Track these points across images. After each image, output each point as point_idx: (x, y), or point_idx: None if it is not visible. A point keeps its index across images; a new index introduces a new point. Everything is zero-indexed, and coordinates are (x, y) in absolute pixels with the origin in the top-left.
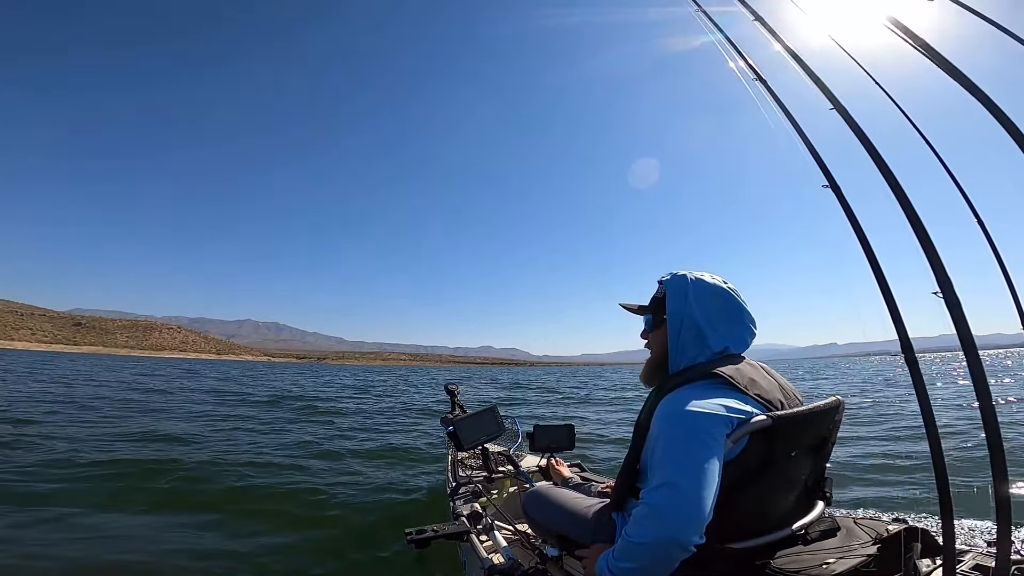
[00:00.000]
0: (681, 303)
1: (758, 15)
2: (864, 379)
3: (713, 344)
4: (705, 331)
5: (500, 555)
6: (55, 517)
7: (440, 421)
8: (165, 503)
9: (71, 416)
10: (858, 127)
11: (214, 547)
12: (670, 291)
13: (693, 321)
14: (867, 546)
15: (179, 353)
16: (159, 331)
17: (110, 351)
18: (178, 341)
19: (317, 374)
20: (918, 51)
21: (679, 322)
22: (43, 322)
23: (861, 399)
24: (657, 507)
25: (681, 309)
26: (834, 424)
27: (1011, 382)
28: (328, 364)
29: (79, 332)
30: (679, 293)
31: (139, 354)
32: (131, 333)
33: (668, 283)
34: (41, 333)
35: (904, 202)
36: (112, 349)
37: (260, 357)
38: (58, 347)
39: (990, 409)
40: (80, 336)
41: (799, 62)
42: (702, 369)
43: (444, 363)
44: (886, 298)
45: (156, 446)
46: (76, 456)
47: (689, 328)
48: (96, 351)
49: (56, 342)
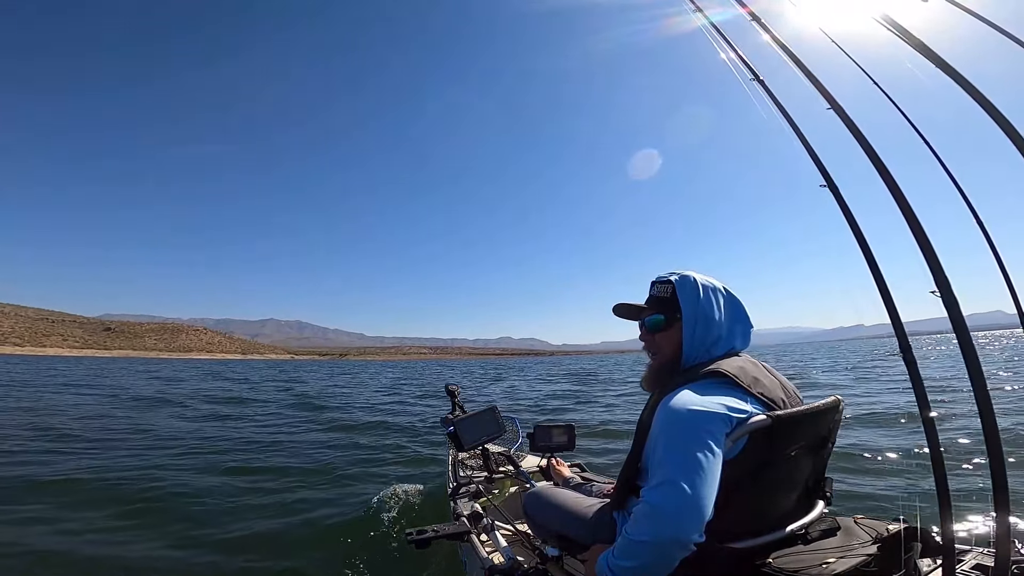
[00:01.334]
0: (696, 302)
1: (756, 16)
2: (853, 366)
3: (725, 342)
4: (718, 329)
5: (500, 555)
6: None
7: (440, 421)
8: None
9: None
10: (856, 127)
11: (210, 545)
12: (683, 290)
13: (709, 319)
14: (867, 546)
15: (206, 354)
16: (186, 333)
17: (140, 354)
18: (204, 342)
19: (344, 371)
20: (915, 50)
21: (694, 320)
22: (74, 328)
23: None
24: (657, 505)
25: (696, 308)
26: (834, 424)
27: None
28: (350, 360)
29: (109, 336)
30: (693, 292)
31: (168, 356)
32: (159, 336)
33: (679, 283)
34: (72, 339)
35: (901, 201)
36: (142, 352)
37: (284, 356)
38: (89, 352)
39: (989, 409)
40: (110, 340)
41: (796, 62)
42: (705, 367)
43: (464, 355)
44: (885, 299)
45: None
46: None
47: (704, 326)
48: (126, 355)
49: (87, 347)
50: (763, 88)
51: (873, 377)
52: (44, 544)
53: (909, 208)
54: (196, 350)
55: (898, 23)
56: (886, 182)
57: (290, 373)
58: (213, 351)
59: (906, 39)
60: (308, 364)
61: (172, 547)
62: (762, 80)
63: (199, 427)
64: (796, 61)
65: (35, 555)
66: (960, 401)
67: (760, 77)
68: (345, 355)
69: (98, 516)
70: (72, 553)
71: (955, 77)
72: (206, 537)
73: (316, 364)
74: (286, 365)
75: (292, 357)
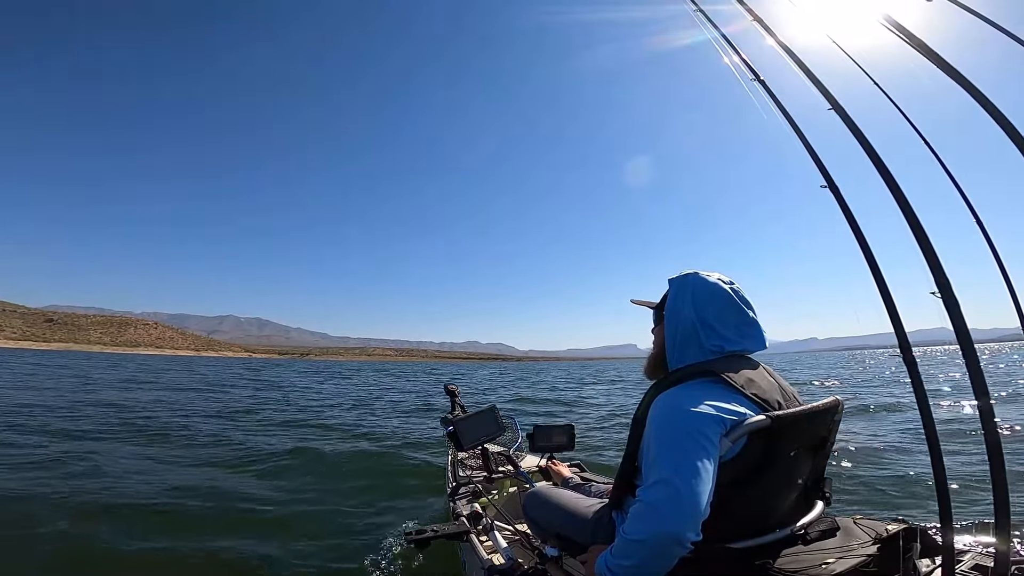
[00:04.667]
0: (679, 302)
1: (756, 15)
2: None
3: (709, 343)
4: (700, 331)
5: (500, 555)
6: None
7: (440, 421)
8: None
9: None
10: (856, 127)
11: (205, 547)
12: (672, 290)
13: (689, 320)
14: (867, 546)
15: (155, 350)
16: (134, 327)
17: (82, 347)
18: (154, 337)
19: (311, 371)
20: (916, 50)
21: (675, 320)
22: (13, 318)
23: (860, 398)
24: (652, 504)
25: (678, 308)
26: (833, 424)
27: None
28: (312, 360)
29: (50, 328)
30: (679, 292)
31: (111, 351)
32: (105, 329)
33: (673, 282)
34: (10, 330)
35: (902, 202)
36: (84, 346)
37: (241, 353)
38: (26, 344)
39: (989, 409)
40: (51, 333)
41: (797, 62)
42: (699, 368)
43: (430, 358)
44: (885, 299)
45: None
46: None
47: (684, 327)
48: (67, 348)
49: (24, 339)
50: (764, 88)
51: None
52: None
53: (908, 206)
54: (144, 345)
55: (900, 23)
56: (885, 180)
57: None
58: (163, 347)
59: (908, 40)
60: (263, 362)
61: (172, 545)
62: (763, 80)
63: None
64: (797, 61)
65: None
66: (960, 402)
67: (761, 77)
68: (307, 354)
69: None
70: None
71: (954, 76)
72: (196, 540)
73: (272, 363)
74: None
75: (250, 355)
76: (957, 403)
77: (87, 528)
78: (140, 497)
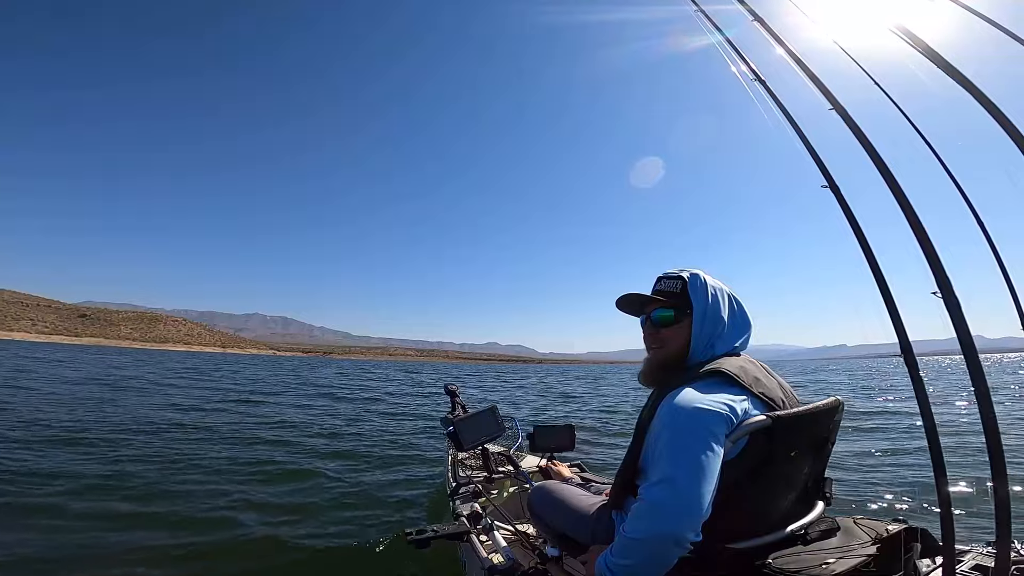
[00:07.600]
0: (706, 299)
1: (758, 15)
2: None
3: (730, 341)
4: (724, 329)
5: (500, 555)
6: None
7: (440, 421)
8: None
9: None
10: (857, 127)
11: (205, 545)
12: (695, 287)
13: (719, 317)
14: (867, 546)
15: (183, 346)
16: (164, 323)
17: (112, 343)
18: (183, 334)
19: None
20: (917, 51)
21: (703, 318)
22: (47, 313)
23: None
24: (654, 503)
25: (707, 305)
26: (834, 424)
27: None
28: (334, 359)
29: (82, 323)
30: (703, 290)
31: (140, 346)
32: (135, 325)
33: (692, 279)
34: (42, 324)
35: (903, 202)
36: (114, 341)
37: (265, 351)
38: (58, 338)
39: (990, 410)
40: (83, 328)
41: (798, 62)
42: (707, 366)
43: (451, 359)
44: (885, 299)
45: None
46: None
47: (713, 324)
48: (98, 343)
49: (56, 333)
50: (765, 89)
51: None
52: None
53: (909, 205)
54: (172, 341)
55: (902, 24)
56: (886, 179)
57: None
58: (191, 343)
59: (909, 40)
60: (290, 359)
61: (170, 544)
62: (763, 80)
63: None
64: (798, 62)
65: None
66: (960, 403)
67: (762, 77)
68: (329, 353)
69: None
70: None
71: (956, 77)
72: (200, 536)
73: (297, 360)
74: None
75: (275, 353)
76: (959, 404)
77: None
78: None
